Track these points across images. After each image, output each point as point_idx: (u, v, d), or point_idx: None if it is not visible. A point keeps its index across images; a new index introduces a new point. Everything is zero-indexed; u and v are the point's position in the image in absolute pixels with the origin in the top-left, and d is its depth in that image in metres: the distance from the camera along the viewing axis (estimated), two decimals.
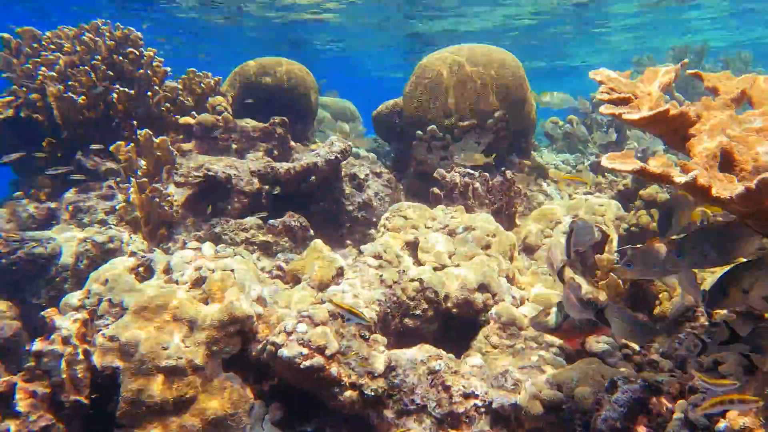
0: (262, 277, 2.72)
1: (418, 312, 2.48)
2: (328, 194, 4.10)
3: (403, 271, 2.63)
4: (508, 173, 3.31)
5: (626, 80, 1.75)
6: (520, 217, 3.40)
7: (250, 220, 3.38)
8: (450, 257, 2.64)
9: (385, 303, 2.53)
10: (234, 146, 4.54)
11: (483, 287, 2.44)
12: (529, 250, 3.03)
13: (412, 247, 2.81)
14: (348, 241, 4.36)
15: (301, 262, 2.85)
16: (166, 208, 3.24)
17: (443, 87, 4.67)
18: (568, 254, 2.01)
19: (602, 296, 2.54)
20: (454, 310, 2.45)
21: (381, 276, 2.61)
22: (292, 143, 5.17)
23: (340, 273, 2.74)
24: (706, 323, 2.07)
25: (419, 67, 4.98)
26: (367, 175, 4.60)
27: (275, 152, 4.77)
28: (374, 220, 4.52)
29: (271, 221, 3.41)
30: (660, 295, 2.40)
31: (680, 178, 1.11)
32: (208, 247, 2.46)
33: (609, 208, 3.15)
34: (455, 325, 2.49)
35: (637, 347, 2.09)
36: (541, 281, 2.68)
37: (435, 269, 2.59)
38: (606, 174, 4.77)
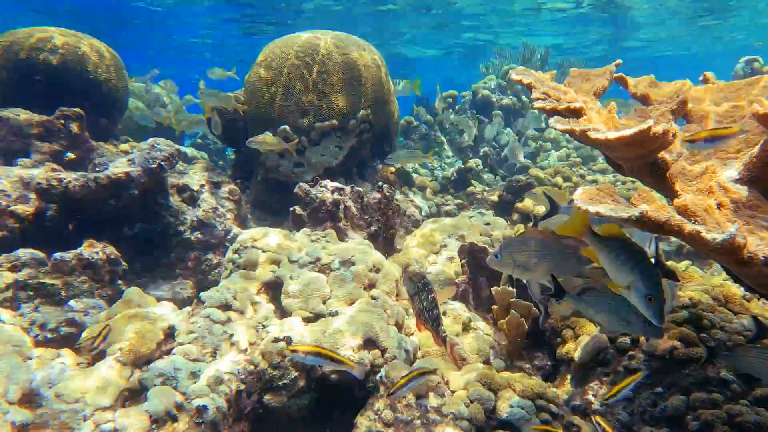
0: (33, 353, 1.84)
1: (284, 382, 1.91)
2: (148, 212, 3.20)
3: (263, 326, 2.03)
4: (386, 188, 2.93)
5: (556, 84, 1.46)
6: (398, 240, 3.06)
7: (24, 254, 2.36)
8: (325, 302, 2.12)
9: (239, 376, 1.89)
10: None
11: (370, 342, 1.98)
12: None
13: (273, 288, 2.22)
14: (178, 270, 3.52)
15: (107, 321, 2.03)
16: None
17: (298, 79, 4.11)
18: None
19: (502, 339, 2.30)
20: (333, 376, 1.95)
21: (231, 336, 1.96)
22: (93, 143, 4.05)
23: (169, 334, 2.01)
24: (621, 369, 1.94)
25: (267, 52, 4.33)
26: (201, 185, 3.78)
27: (69, 154, 3.64)
28: (213, 242, 3.73)
29: (58, 255, 2.44)
30: (563, 333, 2.25)
31: (713, 235, 0.81)
32: None
33: (496, 226, 2.99)
34: (334, 397, 1.99)
35: (555, 408, 1.86)
36: None
37: (306, 321, 2.05)
38: (475, 184, 4.76)
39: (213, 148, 7.98)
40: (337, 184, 2.90)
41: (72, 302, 2.46)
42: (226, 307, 2.05)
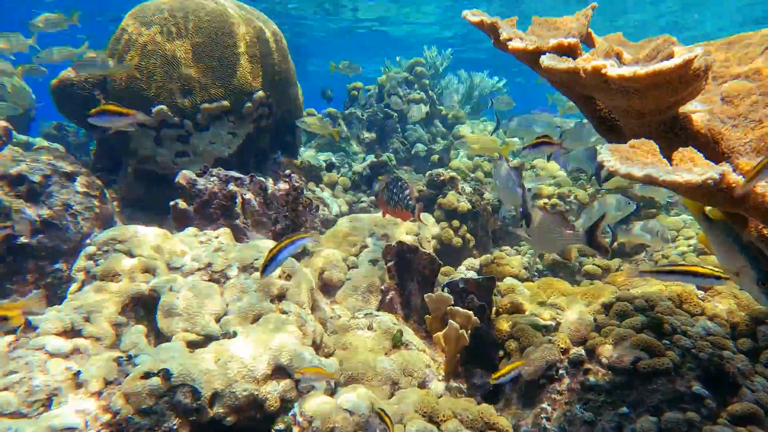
0: None
1: None
2: None
3: (128, 357, 1.52)
4: (295, 177, 2.51)
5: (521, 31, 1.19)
6: None
7: None
8: (218, 320, 1.66)
9: (88, 430, 1.37)
10: None
11: (280, 370, 1.56)
12: (328, 288, 2.29)
13: (145, 305, 1.71)
14: (11, 286, 2.77)
15: None
16: None
17: (177, 48, 3.51)
18: None
19: (438, 356, 2.01)
20: (230, 418, 1.49)
21: (77, 375, 1.43)
22: None
23: None
24: (576, 385, 1.73)
25: (139, 13, 3.68)
26: (46, 176, 3.04)
27: None
28: (65, 248, 3.01)
29: None
30: (506, 344, 2.01)
31: None
32: None
33: (423, 225, 2.71)
34: None
35: None
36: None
37: (192, 346, 1.57)
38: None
39: (73, 142, 6.90)
40: (233, 173, 2.43)
41: None
42: (72, 333, 1.50)
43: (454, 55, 8.29)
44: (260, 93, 3.77)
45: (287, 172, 2.51)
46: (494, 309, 2.20)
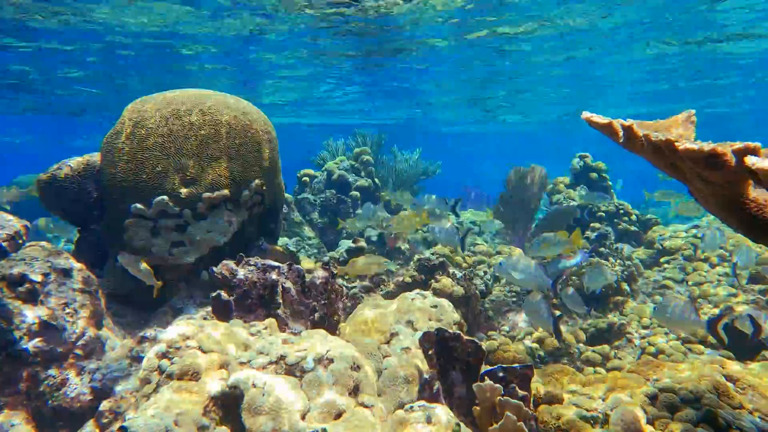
0: None
1: None
2: None
3: None
4: (331, 264, 2.64)
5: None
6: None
7: None
8: (303, 417, 1.71)
9: None
10: None
11: None
12: None
13: (224, 404, 1.72)
14: (3, 398, 2.58)
15: None
16: None
17: (179, 141, 3.64)
18: None
19: None
20: None
21: None
22: None
23: None
24: None
25: (136, 109, 3.81)
26: (46, 274, 2.96)
27: None
28: (60, 351, 2.87)
29: None
30: None
31: None
32: None
33: (443, 309, 2.88)
34: None
35: None
36: None
37: None
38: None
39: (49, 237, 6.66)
40: (269, 262, 2.51)
41: None
42: None
43: None
44: (257, 182, 3.94)
45: (325, 260, 2.63)
46: (530, 399, 2.36)
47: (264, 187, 4.04)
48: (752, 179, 1.13)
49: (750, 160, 0.97)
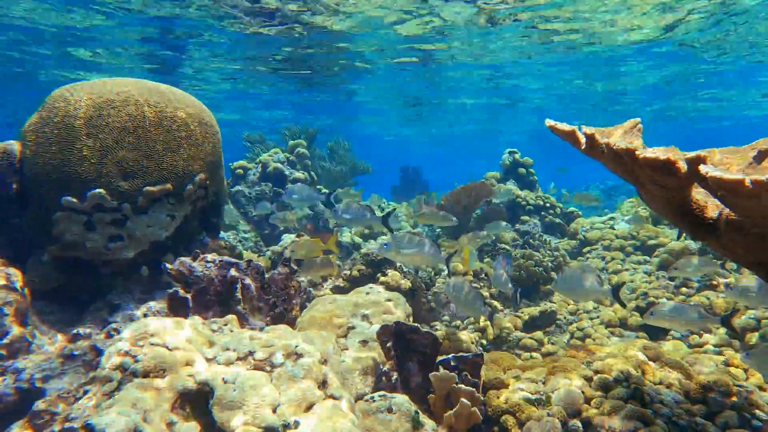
0: None
1: None
2: None
3: None
4: (292, 262, 2.62)
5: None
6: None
7: None
8: (274, 411, 1.70)
9: None
10: None
11: None
12: None
13: (191, 400, 1.68)
14: None
15: None
16: None
17: (116, 131, 3.43)
18: None
19: None
20: None
21: None
22: None
23: None
24: None
25: (63, 98, 3.52)
26: None
27: None
28: None
29: None
30: (503, 420, 2.29)
31: None
32: None
33: (397, 302, 2.95)
34: None
35: None
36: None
37: None
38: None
39: None
40: (227, 258, 2.46)
41: None
42: None
43: None
44: (201, 175, 3.80)
45: (285, 256, 2.60)
46: (480, 385, 2.49)
47: (208, 181, 3.91)
48: (700, 184, 1.28)
49: (703, 169, 1.10)
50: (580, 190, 5.67)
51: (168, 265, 2.36)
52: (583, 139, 1.51)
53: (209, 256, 2.43)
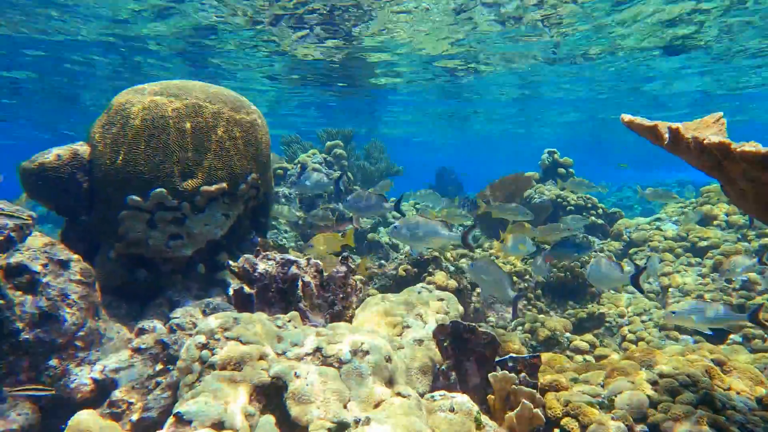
0: None
1: None
2: None
3: None
4: (351, 260, 2.65)
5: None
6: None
7: None
8: (345, 406, 1.73)
9: None
10: None
11: None
12: None
13: (266, 393, 1.72)
14: (6, 388, 2.47)
15: None
16: None
17: (177, 132, 3.54)
18: None
19: None
20: None
21: None
22: None
23: None
24: None
25: (127, 101, 3.66)
26: (44, 265, 2.84)
27: None
28: (60, 342, 2.76)
29: None
30: (563, 423, 2.25)
31: None
32: None
33: (450, 302, 2.95)
34: None
35: None
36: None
37: None
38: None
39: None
40: (288, 256, 2.50)
41: None
42: (219, 426, 1.50)
43: None
44: (254, 175, 3.89)
45: (344, 254, 2.64)
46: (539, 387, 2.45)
47: (259, 181, 4.00)
48: None
49: None
50: (643, 188, 5.54)
51: (231, 262, 2.42)
52: (666, 135, 1.47)
53: (270, 254, 2.48)
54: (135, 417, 2.13)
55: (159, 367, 2.84)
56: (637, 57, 10.07)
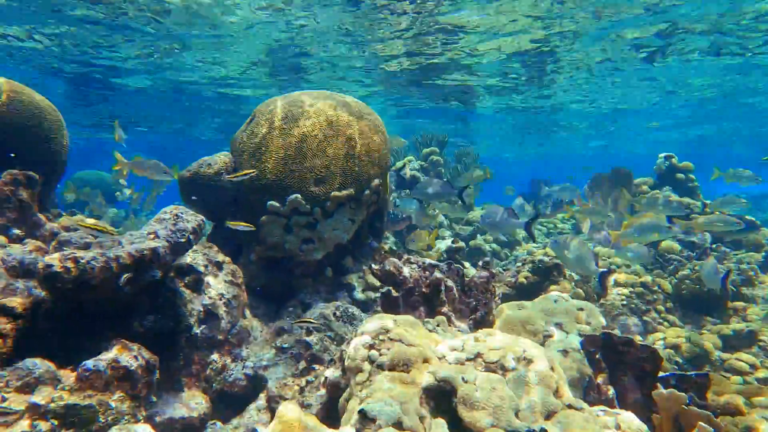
0: None
1: None
2: (159, 301, 2.46)
3: None
4: (492, 266, 2.63)
5: None
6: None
7: (35, 366, 1.58)
8: (517, 415, 1.70)
9: None
10: None
11: None
12: None
13: (434, 397, 1.73)
14: (183, 378, 2.70)
15: None
16: None
17: (309, 140, 3.71)
18: None
19: None
20: None
21: None
22: (40, 216, 3.17)
23: None
24: None
25: (266, 111, 3.91)
26: (206, 266, 3.09)
27: (16, 231, 2.76)
28: (219, 338, 2.99)
29: (90, 363, 1.68)
30: None
31: None
32: None
33: (592, 313, 2.81)
34: None
35: None
36: None
37: None
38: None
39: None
40: (429, 261, 2.52)
41: None
42: (398, 425, 1.52)
43: None
44: (376, 181, 3.97)
45: (485, 259, 2.61)
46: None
47: (381, 187, 4.07)
48: None
49: None
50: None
51: (373, 266, 2.47)
52: None
53: (413, 258, 2.50)
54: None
55: (302, 365, 2.97)
56: None
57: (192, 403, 2.38)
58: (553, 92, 11.77)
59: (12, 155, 3.38)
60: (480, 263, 2.63)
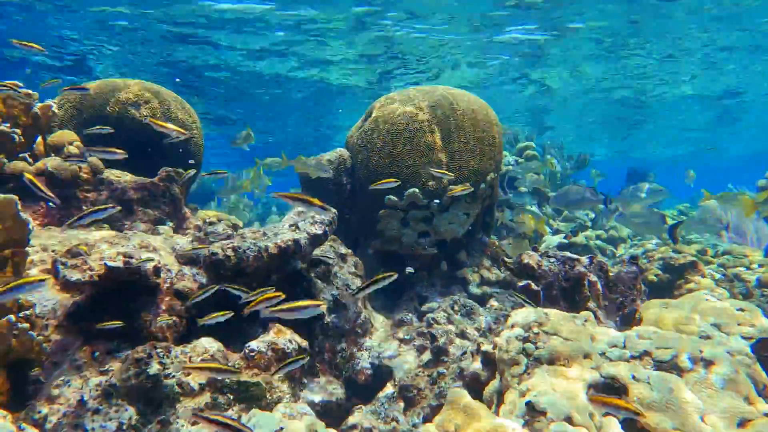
0: None
1: None
2: (297, 290, 2.52)
3: None
4: (640, 260, 2.42)
5: None
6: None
7: (209, 345, 1.65)
8: (703, 419, 1.51)
9: None
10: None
11: None
12: None
13: (599, 392, 1.59)
14: (317, 365, 2.75)
15: None
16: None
17: (429, 137, 3.66)
18: None
19: None
20: None
21: None
22: (186, 210, 3.40)
23: None
24: None
25: (383, 107, 3.92)
26: (333, 258, 3.14)
27: (170, 223, 2.97)
28: (346, 327, 3.02)
29: (254, 345, 1.74)
30: None
31: None
32: None
33: (755, 314, 2.48)
34: None
35: None
36: None
37: None
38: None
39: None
40: (569, 254, 2.36)
41: (282, 412, 1.69)
42: (568, 420, 1.40)
43: None
44: (491, 175, 3.82)
45: (634, 253, 2.40)
46: None
47: (495, 181, 3.92)
48: None
49: None
50: None
51: (505, 258, 2.35)
52: None
53: (551, 252, 2.34)
54: (435, 402, 2.17)
55: (427, 356, 2.91)
56: None
57: (330, 388, 2.40)
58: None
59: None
60: (626, 257, 2.41)
